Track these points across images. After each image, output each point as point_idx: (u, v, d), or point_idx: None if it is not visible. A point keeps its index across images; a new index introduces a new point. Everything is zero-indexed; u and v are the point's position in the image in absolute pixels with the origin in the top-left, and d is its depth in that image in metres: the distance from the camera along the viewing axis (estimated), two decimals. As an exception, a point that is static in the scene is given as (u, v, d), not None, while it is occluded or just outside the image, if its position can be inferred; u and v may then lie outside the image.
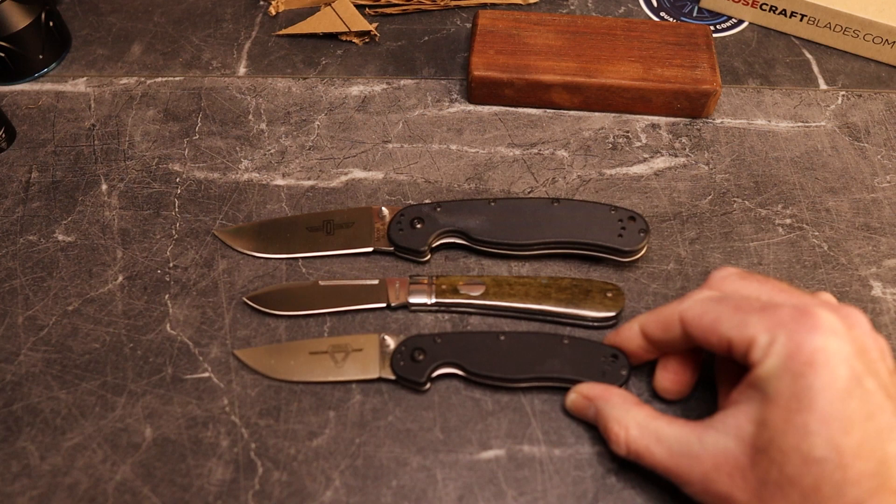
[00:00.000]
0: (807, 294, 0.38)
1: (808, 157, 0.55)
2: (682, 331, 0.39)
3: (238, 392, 0.44)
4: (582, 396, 0.42)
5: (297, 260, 0.49)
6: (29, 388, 0.44)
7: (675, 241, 0.50)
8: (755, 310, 0.36)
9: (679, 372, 0.42)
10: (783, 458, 0.33)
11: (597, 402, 0.41)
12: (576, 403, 0.42)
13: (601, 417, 0.40)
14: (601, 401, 0.41)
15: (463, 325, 0.47)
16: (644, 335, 0.41)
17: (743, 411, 0.35)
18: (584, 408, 0.42)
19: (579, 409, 0.42)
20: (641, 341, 0.42)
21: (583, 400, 0.42)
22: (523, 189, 0.53)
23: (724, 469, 0.35)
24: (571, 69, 0.55)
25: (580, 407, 0.42)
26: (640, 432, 0.38)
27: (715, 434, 0.36)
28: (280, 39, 0.62)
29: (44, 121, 0.56)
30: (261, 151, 0.55)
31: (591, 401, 0.41)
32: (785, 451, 0.33)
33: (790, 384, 0.33)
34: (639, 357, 0.43)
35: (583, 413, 0.42)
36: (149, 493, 0.41)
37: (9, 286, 0.48)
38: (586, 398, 0.42)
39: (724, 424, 0.36)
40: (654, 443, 0.37)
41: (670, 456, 0.37)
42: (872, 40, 0.59)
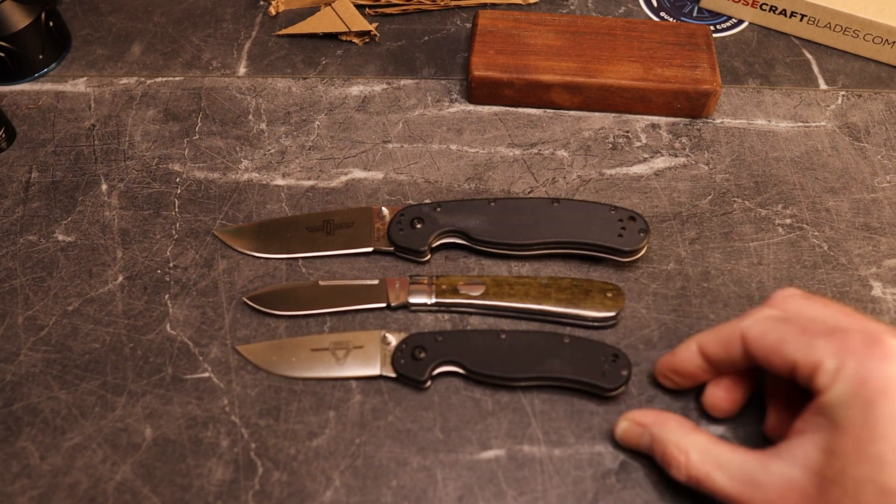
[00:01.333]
0: (871, 320, 0.37)
1: (808, 157, 0.55)
2: (742, 350, 0.38)
3: (238, 392, 0.44)
4: (635, 423, 0.40)
5: (297, 260, 0.49)
6: (29, 388, 0.44)
7: (675, 241, 0.50)
8: (822, 333, 0.35)
9: (732, 390, 0.41)
10: (857, 488, 0.32)
11: (651, 427, 0.40)
12: (628, 432, 0.41)
13: (658, 443, 0.39)
14: (657, 426, 0.39)
15: (463, 325, 0.47)
16: (703, 354, 0.40)
17: (810, 440, 0.34)
18: (638, 435, 0.40)
19: (632, 436, 0.41)
20: (700, 361, 0.40)
21: (636, 427, 0.40)
22: (523, 189, 0.53)
23: (790, 499, 0.34)
24: (571, 69, 0.55)
25: (633, 435, 0.41)
26: (701, 457, 0.37)
27: (781, 463, 0.35)
28: (280, 39, 0.62)
29: (44, 121, 0.56)
30: (261, 151, 0.55)
31: (644, 427, 0.40)
32: (859, 482, 0.32)
33: (861, 413, 0.32)
34: (695, 378, 0.41)
35: (636, 441, 0.41)
36: (149, 493, 0.41)
37: (9, 286, 0.48)
38: (639, 425, 0.40)
39: (790, 453, 0.35)
40: (716, 469, 0.36)
41: (732, 482, 0.36)
42: (872, 40, 0.59)
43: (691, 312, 0.47)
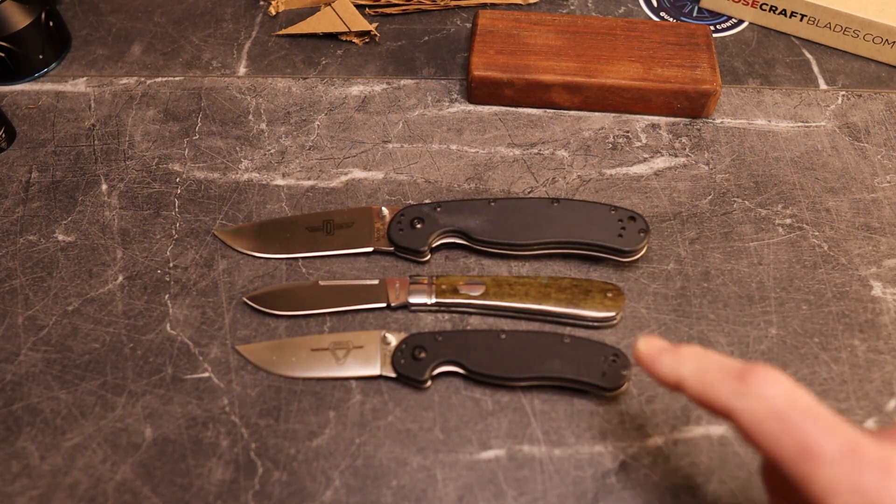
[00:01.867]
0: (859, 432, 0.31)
1: (808, 157, 0.55)
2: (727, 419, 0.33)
3: (238, 392, 0.44)
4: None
5: (297, 260, 0.49)
6: (29, 388, 0.44)
7: (675, 241, 0.50)
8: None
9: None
10: None
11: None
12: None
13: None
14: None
15: (463, 325, 0.47)
16: (680, 388, 0.34)
17: None
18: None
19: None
20: (674, 387, 0.34)
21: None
22: (523, 189, 0.53)
23: None
24: (571, 69, 0.55)
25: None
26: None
27: None
28: (280, 39, 0.62)
29: (44, 121, 0.56)
30: (261, 151, 0.55)
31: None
32: None
33: None
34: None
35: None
36: (149, 493, 0.41)
37: (9, 286, 0.48)
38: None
39: None
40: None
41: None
42: (872, 40, 0.59)
43: (691, 312, 0.47)
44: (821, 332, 0.47)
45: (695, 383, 0.32)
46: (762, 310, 0.47)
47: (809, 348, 0.46)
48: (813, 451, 0.28)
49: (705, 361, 0.32)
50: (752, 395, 0.30)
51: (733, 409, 0.30)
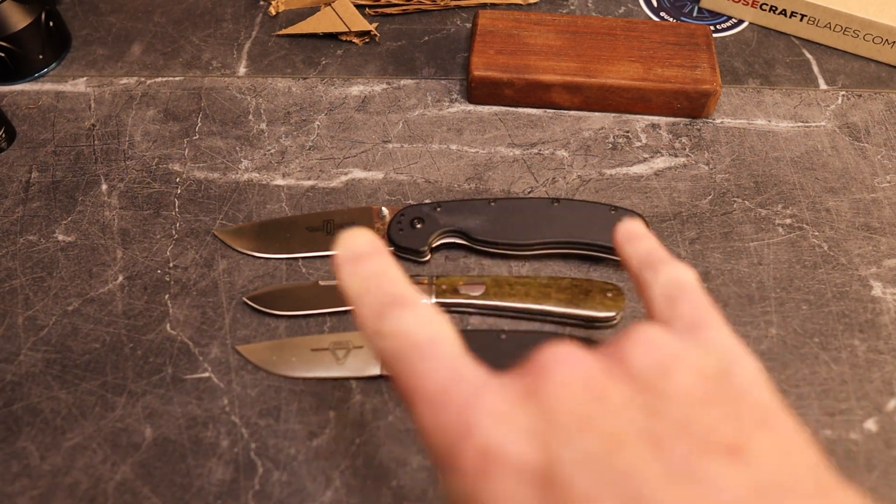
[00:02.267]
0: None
1: (808, 157, 0.55)
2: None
3: (238, 392, 0.44)
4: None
5: (297, 260, 0.49)
6: (29, 388, 0.44)
7: (675, 241, 0.50)
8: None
9: None
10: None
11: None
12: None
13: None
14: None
15: (463, 325, 0.47)
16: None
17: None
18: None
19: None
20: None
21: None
22: (523, 189, 0.53)
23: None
24: (571, 69, 0.55)
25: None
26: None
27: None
28: (280, 39, 0.62)
29: (44, 121, 0.56)
30: (261, 151, 0.55)
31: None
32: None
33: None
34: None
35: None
36: (149, 493, 0.41)
37: (9, 286, 0.48)
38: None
39: None
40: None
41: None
42: (872, 40, 0.59)
43: (691, 312, 0.47)
44: (821, 332, 0.47)
45: (350, 296, 0.30)
46: (762, 310, 0.47)
47: (809, 348, 0.46)
48: (417, 387, 0.27)
49: (374, 283, 0.30)
50: (395, 329, 0.28)
51: (378, 332, 0.29)
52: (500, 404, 0.26)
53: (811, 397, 0.44)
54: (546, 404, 0.25)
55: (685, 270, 0.31)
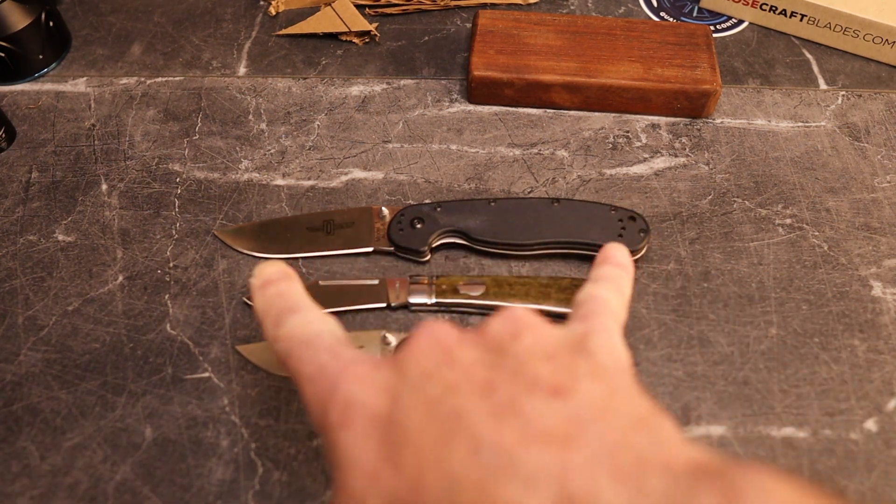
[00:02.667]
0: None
1: (808, 157, 0.55)
2: None
3: (238, 392, 0.44)
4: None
5: (297, 260, 0.49)
6: (29, 388, 0.44)
7: (675, 241, 0.50)
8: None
9: None
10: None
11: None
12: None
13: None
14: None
15: (463, 325, 0.47)
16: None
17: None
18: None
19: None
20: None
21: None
22: (523, 189, 0.53)
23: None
24: (571, 69, 0.55)
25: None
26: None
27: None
28: (280, 39, 0.62)
29: (44, 121, 0.56)
30: (261, 151, 0.55)
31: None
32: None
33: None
34: None
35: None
36: (149, 493, 0.41)
37: (9, 286, 0.48)
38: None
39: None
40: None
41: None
42: (872, 40, 0.59)
43: (691, 312, 0.47)
44: (821, 332, 0.47)
45: (258, 316, 0.34)
46: (762, 310, 0.47)
47: (809, 348, 0.46)
48: (301, 371, 0.31)
49: (274, 301, 0.34)
50: (286, 331, 0.32)
51: (276, 337, 0.33)
52: (364, 370, 0.29)
53: (811, 397, 0.44)
54: (402, 366, 0.29)
55: (610, 292, 0.34)
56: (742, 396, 0.44)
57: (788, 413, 0.44)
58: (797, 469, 0.42)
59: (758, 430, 0.43)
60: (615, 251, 0.37)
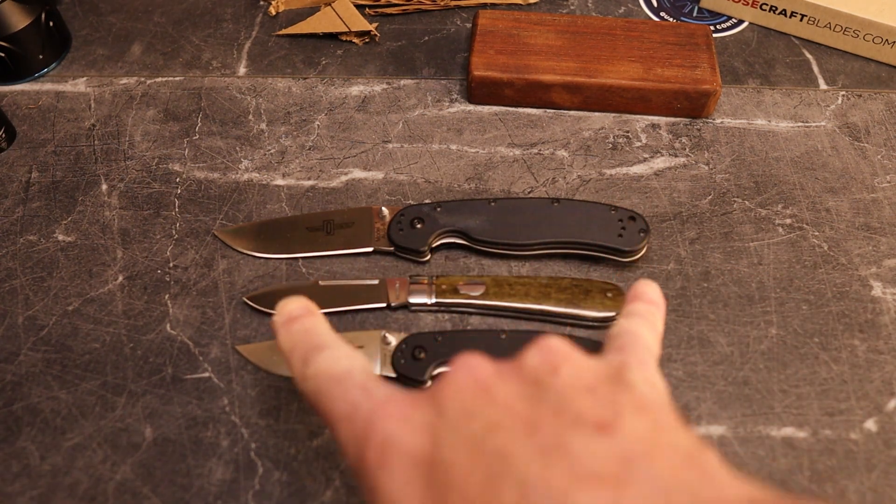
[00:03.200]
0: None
1: (808, 157, 0.55)
2: None
3: (238, 392, 0.44)
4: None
5: (297, 260, 0.49)
6: (29, 388, 0.44)
7: (675, 241, 0.50)
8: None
9: None
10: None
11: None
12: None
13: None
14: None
15: (463, 325, 0.47)
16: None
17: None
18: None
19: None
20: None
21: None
22: (523, 189, 0.53)
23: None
24: (571, 69, 0.55)
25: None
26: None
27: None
28: (280, 39, 0.62)
29: (44, 121, 0.56)
30: (261, 151, 0.55)
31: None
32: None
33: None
34: None
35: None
36: (149, 493, 0.41)
37: (9, 286, 0.48)
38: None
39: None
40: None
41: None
42: (872, 40, 0.59)
43: (691, 312, 0.47)
44: (821, 332, 0.47)
45: (284, 353, 0.34)
46: (762, 310, 0.47)
47: (809, 348, 0.46)
48: (333, 410, 0.30)
49: (301, 339, 0.34)
50: (315, 369, 0.32)
51: (304, 376, 0.33)
52: (400, 408, 0.29)
53: (811, 397, 0.44)
54: (440, 403, 0.28)
55: (643, 327, 0.34)
56: (742, 396, 0.44)
57: (788, 413, 0.44)
58: (797, 469, 0.42)
59: (758, 430, 0.43)
60: (646, 288, 0.37)
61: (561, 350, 0.30)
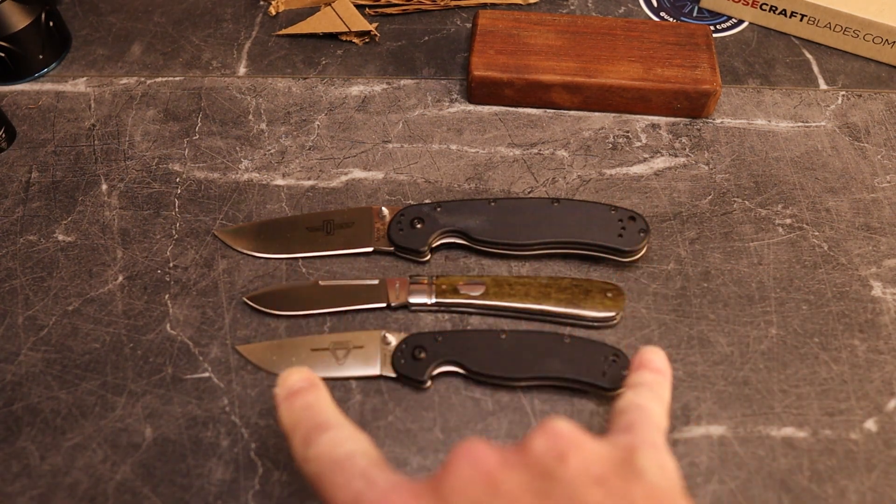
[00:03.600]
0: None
1: (808, 157, 0.55)
2: None
3: (238, 392, 0.44)
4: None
5: (297, 260, 0.49)
6: (29, 388, 0.44)
7: (675, 241, 0.50)
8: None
9: None
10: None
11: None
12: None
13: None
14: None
15: (463, 325, 0.47)
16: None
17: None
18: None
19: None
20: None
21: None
22: (523, 189, 0.53)
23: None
24: (571, 69, 0.55)
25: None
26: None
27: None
28: (280, 39, 0.62)
29: (44, 121, 0.56)
30: (261, 151, 0.55)
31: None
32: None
33: None
34: None
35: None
36: (149, 493, 0.41)
37: (9, 286, 0.48)
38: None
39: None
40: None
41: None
42: (872, 40, 0.59)
43: (691, 312, 0.47)
44: (821, 332, 0.47)
45: (285, 431, 0.34)
46: (762, 310, 0.47)
47: (809, 348, 0.46)
48: (336, 499, 0.30)
49: (303, 416, 0.34)
50: (317, 452, 0.32)
51: (305, 458, 0.32)
52: (404, 500, 0.28)
53: (811, 397, 0.44)
54: (444, 496, 0.27)
55: (650, 401, 0.33)
56: (742, 396, 0.44)
57: (788, 413, 0.44)
58: (797, 469, 0.42)
59: (758, 430, 0.43)
60: (652, 355, 0.36)
61: (568, 435, 0.29)
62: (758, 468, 0.42)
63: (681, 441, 0.43)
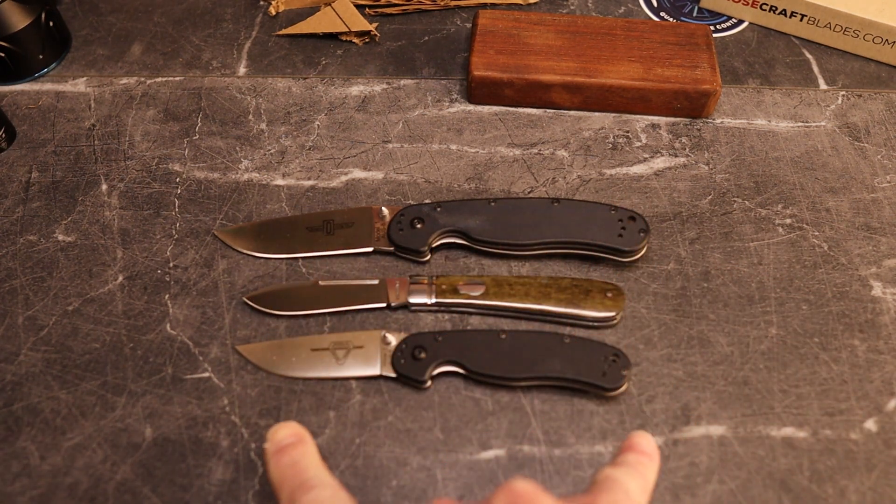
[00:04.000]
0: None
1: (808, 157, 0.55)
2: None
3: (238, 392, 0.44)
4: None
5: (297, 260, 0.49)
6: (29, 388, 0.44)
7: (675, 241, 0.50)
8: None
9: None
10: None
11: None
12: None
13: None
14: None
15: (463, 325, 0.47)
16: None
17: None
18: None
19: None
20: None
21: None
22: (523, 189, 0.53)
23: None
24: (571, 69, 0.55)
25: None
26: None
27: None
28: (280, 39, 0.62)
29: (44, 121, 0.56)
30: (261, 151, 0.55)
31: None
32: None
33: None
34: None
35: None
36: (149, 493, 0.41)
37: (9, 286, 0.48)
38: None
39: None
40: None
41: None
42: (872, 40, 0.59)
43: (691, 312, 0.47)
44: (821, 332, 0.47)
45: (273, 486, 0.35)
46: (762, 310, 0.47)
47: (809, 348, 0.46)
48: None
49: (289, 473, 0.35)
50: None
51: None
52: None
53: (811, 397, 0.44)
54: None
55: (628, 476, 0.34)
56: (742, 396, 0.44)
57: (788, 413, 0.44)
58: (797, 469, 0.42)
59: (758, 430, 0.43)
60: (640, 439, 0.37)
61: (529, 494, 0.30)
62: (758, 468, 0.42)
63: (681, 441, 0.43)
